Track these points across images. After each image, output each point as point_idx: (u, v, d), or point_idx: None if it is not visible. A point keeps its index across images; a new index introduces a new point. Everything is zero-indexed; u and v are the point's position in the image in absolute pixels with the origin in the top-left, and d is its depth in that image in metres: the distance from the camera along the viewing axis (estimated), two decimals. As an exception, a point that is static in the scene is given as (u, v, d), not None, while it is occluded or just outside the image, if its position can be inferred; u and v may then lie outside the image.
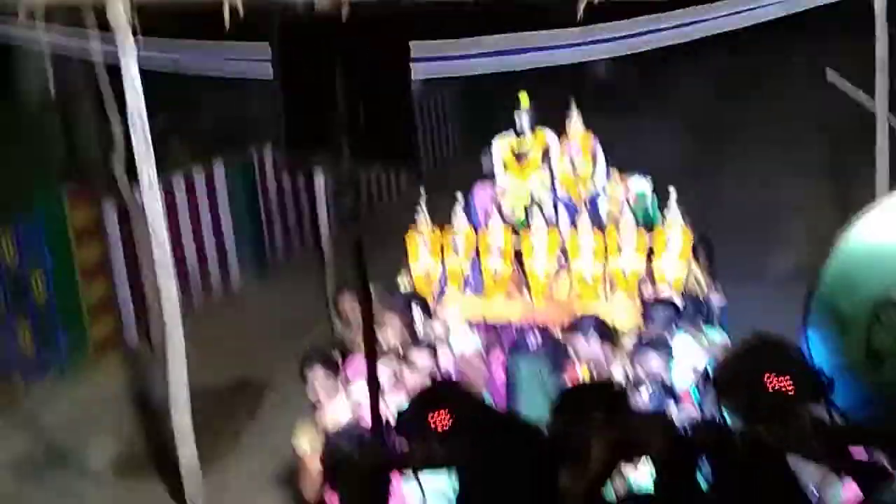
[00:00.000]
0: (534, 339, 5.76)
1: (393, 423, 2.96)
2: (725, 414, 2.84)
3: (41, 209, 8.70)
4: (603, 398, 2.98)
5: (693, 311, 5.46)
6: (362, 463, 2.75)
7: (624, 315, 5.71)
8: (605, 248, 5.85)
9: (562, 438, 2.67)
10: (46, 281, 8.60)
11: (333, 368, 5.08)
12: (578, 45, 5.70)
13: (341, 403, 4.92)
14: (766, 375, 2.76)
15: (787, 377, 2.77)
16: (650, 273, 5.80)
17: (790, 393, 2.74)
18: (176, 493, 6.66)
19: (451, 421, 2.81)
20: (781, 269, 8.72)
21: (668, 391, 4.76)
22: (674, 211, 5.83)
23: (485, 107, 14.40)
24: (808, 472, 2.84)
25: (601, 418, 2.80)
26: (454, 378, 5.07)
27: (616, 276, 5.87)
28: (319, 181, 10.07)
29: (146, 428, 7.97)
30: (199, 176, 10.54)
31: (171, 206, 9.46)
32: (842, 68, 8.14)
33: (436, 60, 5.66)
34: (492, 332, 6.00)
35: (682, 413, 4.53)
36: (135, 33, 5.42)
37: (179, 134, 11.20)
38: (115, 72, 5.98)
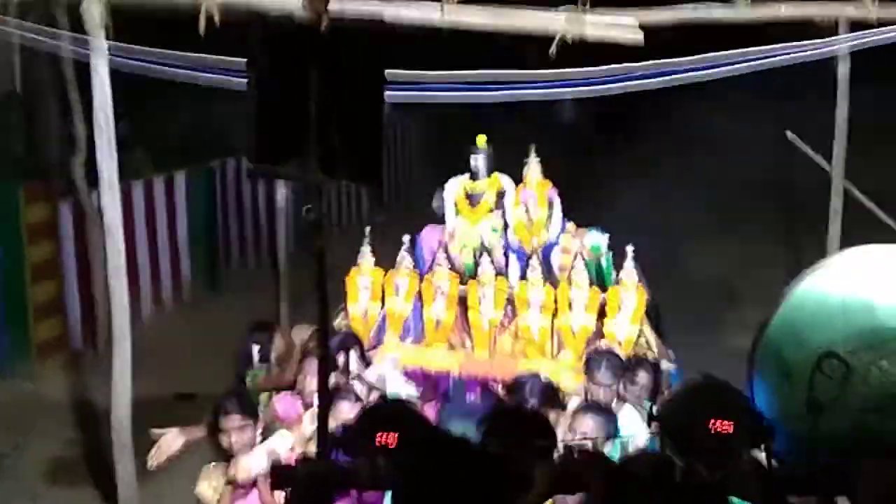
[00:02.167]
0: (472, 395, 5.56)
1: (338, 440, 2.96)
2: (668, 451, 2.88)
3: (-5, 202, 8.59)
4: (536, 426, 3.05)
5: (646, 379, 5.15)
6: (307, 479, 2.73)
7: (570, 375, 5.40)
8: (556, 303, 5.61)
9: (504, 462, 2.71)
10: (-6, 275, 8.48)
11: (252, 415, 4.73)
12: (550, 84, 5.74)
13: (257, 454, 4.52)
14: (710, 417, 2.81)
15: (730, 420, 2.82)
16: (599, 332, 5.57)
17: (732, 436, 2.79)
18: (110, 503, 6.56)
19: (397, 440, 2.82)
20: (734, 327, 8.78)
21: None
22: (629, 269, 5.63)
23: (442, 148, 14.47)
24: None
25: (543, 446, 2.85)
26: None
27: (564, 332, 5.62)
28: (280, 195, 10.06)
29: (84, 435, 7.84)
30: (159, 182, 10.46)
31: (127, 210, 9.34)
32: (803, 132, 8.31)
33: (404, 87, 5.66)
34: (429, 383, 5.69)
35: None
36: (107, 35, 5.41)
37: (142, 140, 11.16)
38: (83, 71, 5.97)
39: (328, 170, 2.73)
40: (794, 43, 5.79)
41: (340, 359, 5.12)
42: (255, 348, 5.76)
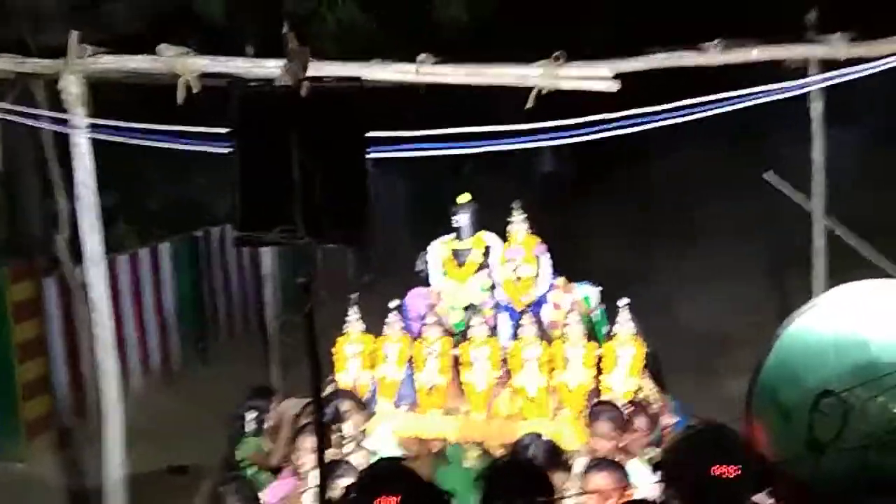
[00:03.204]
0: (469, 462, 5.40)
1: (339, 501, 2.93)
2: (672, 498, 2.86)
3: (-21, 284, 8.54)
4: (534, 481, 3.03)
5: (645, 425, 5.12)
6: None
7: (571, 433, 5.29)
8: (551, 361, 5.51)
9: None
10: (-20, 358, 8.40)
11: (251, 500, 4.62)
12: (528, 135, 5.75)
13: None
14: (712, 463, 2.79)
15: (733, 465, 2.80)
16: (597, 388, 5.46)
17: (735, 480, 2.77)
18: (104, 582, 6.43)
19: (397, 502, 2.79)
20: (728, 371, 8.72)
21: None
22: (625, 321, 5.52)
23: (426, 208, 14.52)
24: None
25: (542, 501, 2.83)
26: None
27: (562, 390, 5.49)
28: (266, 261, 10.05)
29: (77, 513, 7.73)
30: (144, 253, 10.44)
31: (113, 284, 9.31)
32: (784, 171, 8.37)
33: (384, 146, 5.66)
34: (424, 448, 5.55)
35: None
36: (87, 109, 5.43)
37: (125, 212, 11.17)
38: (63, 146, 5.97)
39: (315, 233, 2.73)
40: (768, 86, 5.85)
41: (346, 404, 5.12)
42: (252, 415, 5.68)
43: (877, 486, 2.61)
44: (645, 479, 4.47)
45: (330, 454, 4.69)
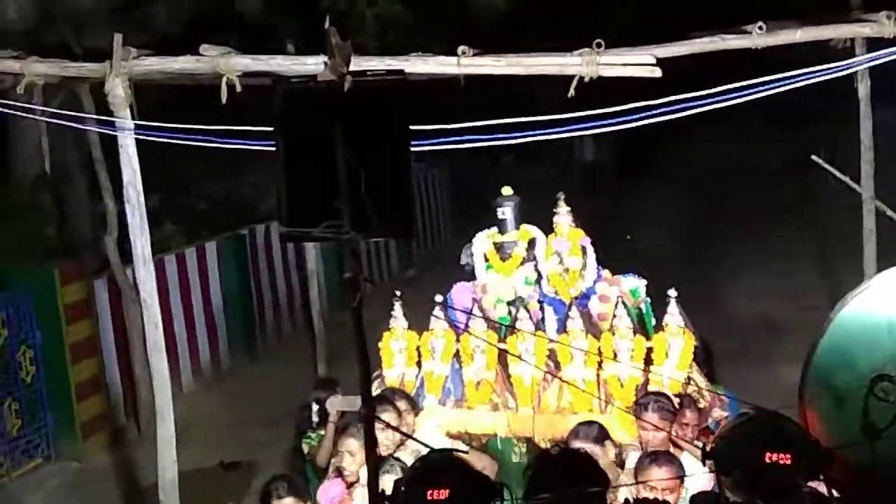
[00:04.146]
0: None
1: (390, 497, 2.93)
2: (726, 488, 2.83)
3: (31, 285, 8.68)
4: (585, 470, 3.00)
5: (695, 419, 4.98)
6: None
7: (621, 427, 5.16)
8: (600, 354, 5.39)
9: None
10: (34, 358, 8.54)
11: (305, 497, 4.59)
12: (570, 125, 5.71)
13: None
14: (765, 450, 2.76)
15: (786, 452, 2.76)
16: (647, 381, 5.34)
17: (789, 467, 2.73)
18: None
19: (448, 494, 2.79)
20: (780, 358, 8.58)
21: None
22: (674, 314, 5.39)
23: (468, 201, 14.50)
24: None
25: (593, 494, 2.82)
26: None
27: (612, 383, 5.40)
28: (311, 257, 10.12)
29: (133, 511, 7.84)
30: (191, 253, 10.55)
31: (162, 283, 9.42)
32: (833, 156, 8.25)
33: (427, 139, 5.65)
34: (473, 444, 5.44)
35: None
36: (132, 112, 5.49)
37: (171, 212, 11.30)
38: (109, 148, 6.04)
39: (360, 228, 2.74)
40: (814, 68, 5.75)
41: (384, 416, 5.01)
42: (316, 407, 5.67)
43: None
44: (697, 471, 4.31)
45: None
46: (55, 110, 6.64)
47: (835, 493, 2.76)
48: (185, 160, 10.61)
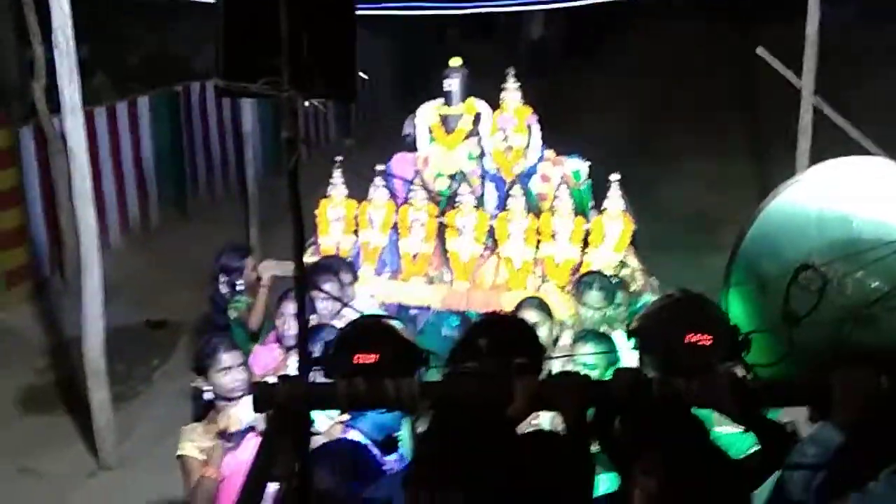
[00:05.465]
0: (448, 330, 5.33)
1: (317, 360, 2.94)
2: (645, 366, 2.90)
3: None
4: (519, 336, 3.03)
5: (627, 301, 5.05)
6: (287, 400, 2.70)
7: (558, 303, 5.17)
8: (538, 233, 5.44)
9: (486, 378, 2.72)
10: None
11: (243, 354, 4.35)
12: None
13: (247, 404, 3.80)
14: (686, 330, 2.82)
15: (707, 333, 2.83)
16: (580, 262, 5.40)
17: (709, 348, 2.81)
18: (85, 430, 6.57)
19: (376, 359, 2.81)
20: (709, 248, 8.71)
21: None
22: (615, 197, 5.42)
23: (411, 75, 14.24)
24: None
25: (523, 364, 2.85)
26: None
27: (548, 263, 5.44)
28: (247, 118, 9.93)
29: (56, 363, 7.81)
30: (122, 106, 10.23)
31: (91, 136, 9.15)
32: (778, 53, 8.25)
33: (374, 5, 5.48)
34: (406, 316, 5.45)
35: None
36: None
37: (103, 64, 10.93)
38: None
39: (301, 86, 2.67)
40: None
41: (327, 286, 4.89)
42: (224, 278, 5.52)
43: (850, 360, 2.66)
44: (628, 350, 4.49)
45: (314, 319, 4.69)
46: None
47: (750, 375, 2.84)
48: (117, 11, 10.21)
